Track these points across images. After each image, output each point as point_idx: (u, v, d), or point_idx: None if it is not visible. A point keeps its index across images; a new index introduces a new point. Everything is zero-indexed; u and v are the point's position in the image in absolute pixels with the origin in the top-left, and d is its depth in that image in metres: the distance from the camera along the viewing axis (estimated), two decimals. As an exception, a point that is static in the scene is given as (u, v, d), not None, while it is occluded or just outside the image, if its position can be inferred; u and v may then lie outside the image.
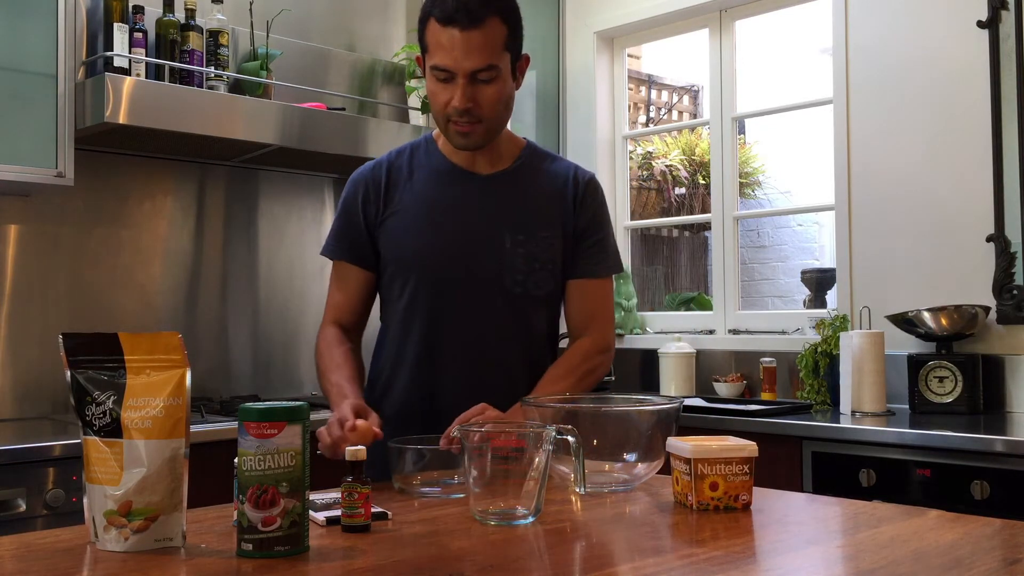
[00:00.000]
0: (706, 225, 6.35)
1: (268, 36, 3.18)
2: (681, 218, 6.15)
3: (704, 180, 6.17)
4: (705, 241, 6.64)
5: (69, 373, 1.20)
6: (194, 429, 1.49)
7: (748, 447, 1.39)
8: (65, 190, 2.71)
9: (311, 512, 1.29)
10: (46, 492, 2.24)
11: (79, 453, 1.20)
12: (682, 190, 6.37)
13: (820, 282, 4.27)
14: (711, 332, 3.71)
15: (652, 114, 6.97)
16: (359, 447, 1.32)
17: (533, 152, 1.93)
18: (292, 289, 3.43)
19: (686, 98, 7.15)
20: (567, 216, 1.87)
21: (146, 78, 2.79)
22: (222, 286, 3.28)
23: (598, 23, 4.01)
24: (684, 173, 6.34)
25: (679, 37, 4.00)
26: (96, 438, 1.17)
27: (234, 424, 1.82)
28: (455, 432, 1.49)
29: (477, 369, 1.82)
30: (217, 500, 1.43)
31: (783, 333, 3.48)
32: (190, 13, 2.93)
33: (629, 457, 1.52)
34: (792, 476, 2.62)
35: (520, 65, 1.81)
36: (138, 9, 2.84)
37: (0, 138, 2.51)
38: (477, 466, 1.31)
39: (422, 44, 1.77)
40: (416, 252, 1.84)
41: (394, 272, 1.87)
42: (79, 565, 1.12)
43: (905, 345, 3.01)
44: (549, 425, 1.36)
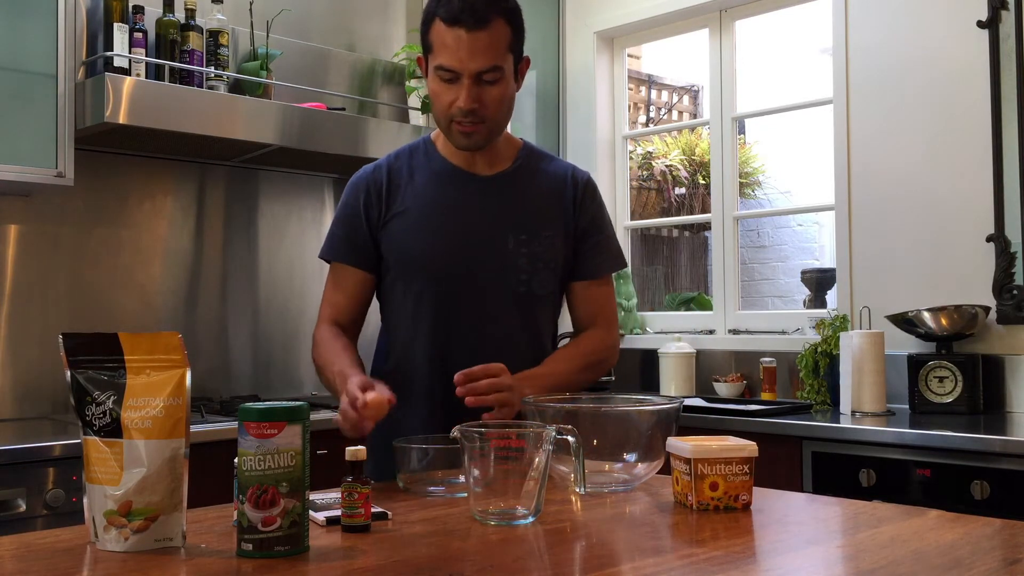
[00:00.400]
0: (706, 225, 6.35)
1: (268, 36, 3.19)
2: (681, 218, 6.15)
3: (704, 180, 6.17)
4: (705, 241, 6.64)
5: (69, 373, 1.20)
6: (194, 429, 1.49)
7: (748, 447, 1.39)
8: (65, 190, 2.71)
9: (311, 512, 1.29)
10: (46, 492, 2.24)
11: (79, 453, 1.20)
12: (682, 190, 6.37)
13: (820, 282, 4.27)
14: (711, 332, 3.71)
15: (652, 114, 6.97)
16: (359, 447, 1.32)
17: (530, 152, 1.93)
18: (292, 289, 3.43)
19: (686, 98, 7.15)
20: (567, 216, 1.88)
21: (146, 78, 2.79)
22: (222, 286, 3.28)
23: (598, 23, 4.01)
24: (684, 173, 6.34)
25: (679, 37, 3.99)
26: (96, 438, 1.17)
27: (234, 424, 1.82)
28: (455, 432, 1.49)
29: None
30: (217, 500, 1.43)
31: (783, 333, 3.48)
32: (190, 13, 2.94)
33: (629, 457, 1.52)
34: (792, 476, 2.62)
35: (521, 67, 1.82)
36: (138, 9, 2.84)
37: (0, 138, 2.51)
38: (477, 466, 1.31)
39: (425, 44, 1.77)
40: (420, 253, 1.84)
41: (397, 274, 1.87)
42: (79, 565, 1.12)
43: (905, 345, 3.01)
44: (549, 425, 1.36)
